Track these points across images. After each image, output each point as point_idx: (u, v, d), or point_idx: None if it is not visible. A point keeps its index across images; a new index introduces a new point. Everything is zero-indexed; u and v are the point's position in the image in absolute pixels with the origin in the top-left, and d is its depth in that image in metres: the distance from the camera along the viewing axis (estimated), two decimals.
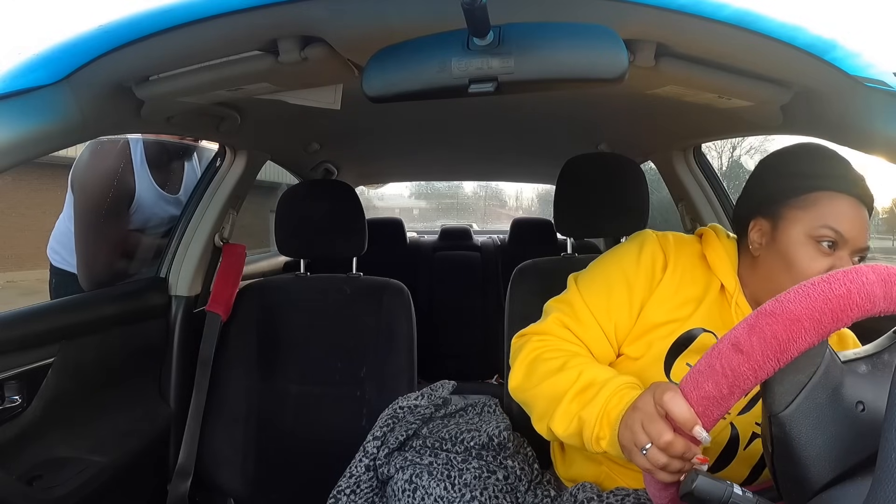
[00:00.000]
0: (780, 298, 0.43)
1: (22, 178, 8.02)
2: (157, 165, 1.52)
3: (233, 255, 1.42)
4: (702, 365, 0.45)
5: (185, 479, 1.27)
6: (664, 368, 0.76)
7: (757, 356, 0.42)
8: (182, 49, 0.72)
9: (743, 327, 0.43)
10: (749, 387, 0.42)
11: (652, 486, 0.52)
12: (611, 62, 0.59)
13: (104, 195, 1.42)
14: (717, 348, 0.44)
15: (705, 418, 0.44)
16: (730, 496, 0.45)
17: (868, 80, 0.64)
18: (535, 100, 1.25)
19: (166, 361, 1.31)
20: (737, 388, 0.42)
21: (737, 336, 0.43)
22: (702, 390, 0.44)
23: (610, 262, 0.84)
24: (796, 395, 0.43)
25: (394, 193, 9.08)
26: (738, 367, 0.42)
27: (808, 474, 0.42)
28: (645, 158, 1.68)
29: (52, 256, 1.57)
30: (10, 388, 0.94)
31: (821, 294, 0.41)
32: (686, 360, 0.76)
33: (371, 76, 0.64)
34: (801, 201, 0.72)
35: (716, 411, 0.44)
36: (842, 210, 0.71)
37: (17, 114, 0.65)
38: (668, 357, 0.77)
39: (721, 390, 0.43)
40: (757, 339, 0.42)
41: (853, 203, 0.72)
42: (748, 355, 0.42)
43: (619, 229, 1.25)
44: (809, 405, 0.43)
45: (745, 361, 0.42)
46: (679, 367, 0.76)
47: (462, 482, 0.85)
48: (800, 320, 0.41)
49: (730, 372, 0.42)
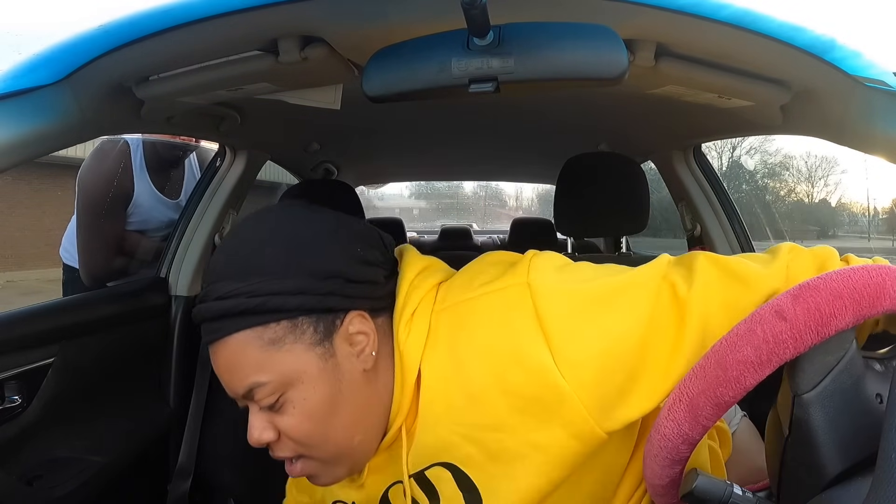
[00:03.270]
0: (822, 276, 0.44)
1: (22, 178, 8.03)
2: (157, 170, 1.53)
3: None
4: (742, 329, 0.44)
5: (185, 479, 1.27)
6: None
7: (800, 325, 0.42)
8: (182, 49, 0.72)
9: (787, 297, 0.44)
10: (787, 356, 0.43)
11: (652, 487, 0.52)
12: (611, 62, 0.59)
13: (103, 195, 1.43)
14: (758, 314, 0.44)
15: (737, 385, 0.44)
16: (730, 496, 0.45)
17: (868, 80, 0.64)
18: (535, 100, 1.25)
19: (166, 361, 1.31)
20: (776, 355, 0.42)
21: (780, 304, 0.43)
22: (740, 353, 0.43)
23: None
24: (824, 376, 0.43)
25: (394, 193, 9.10)
26: (781, 335, 0.42)
27: (824, 461, 0.43)
28: (645, 158, 1.68)
29: (63, 255, 1.61)
30: (10, 388, 0.94)
31: (861, 277, 0.43)
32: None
33: (371, 76, 0.64)
34: None
35: (750, 378, 0.43)
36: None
37: (17, 114, 0.65)
38: None
39: (760, 356, 0.43)
40: (801, 308, 0.42)
41: (212, 354, 0.56)
42: (791, 323, 0.42)
43: (619, 229, 1.26)
44: (835, 388, 0.43)
45: (787, 329, 0.42)
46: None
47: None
48: (842, 297, 0.42)
49: (771, 338, 0.42)
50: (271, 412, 0.54)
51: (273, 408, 0.54)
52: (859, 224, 8.47)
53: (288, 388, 0.53)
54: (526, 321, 0.51)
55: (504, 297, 0.53)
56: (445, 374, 0.54)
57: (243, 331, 0.52)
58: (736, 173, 8.39)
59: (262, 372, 0.52)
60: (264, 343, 0.52)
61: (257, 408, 0.54)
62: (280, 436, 0.55)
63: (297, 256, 0.53)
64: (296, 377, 0.53)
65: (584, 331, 0.51)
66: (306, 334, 0.53)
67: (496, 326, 0.52)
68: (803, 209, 10.33)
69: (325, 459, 0.56)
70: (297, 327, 0.52)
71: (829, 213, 10.28)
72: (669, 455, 0.48)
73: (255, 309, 0.51)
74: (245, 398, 0.54)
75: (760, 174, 9.48)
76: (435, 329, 0.55)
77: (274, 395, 0.53)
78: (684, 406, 0.46)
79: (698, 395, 0.45)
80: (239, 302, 0.51)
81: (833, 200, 10.71)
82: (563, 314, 0.51)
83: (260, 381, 0.52)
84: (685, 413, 0.46)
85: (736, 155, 8.84)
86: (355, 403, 0.55)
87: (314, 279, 0.52)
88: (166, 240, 1.42)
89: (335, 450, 0.55)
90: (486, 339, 0.52)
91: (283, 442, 0.55)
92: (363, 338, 0.55)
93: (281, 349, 0.52)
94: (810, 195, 10.62)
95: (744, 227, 1.49)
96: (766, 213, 5.21)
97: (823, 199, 10.80)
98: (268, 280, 0.51)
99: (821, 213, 10.25)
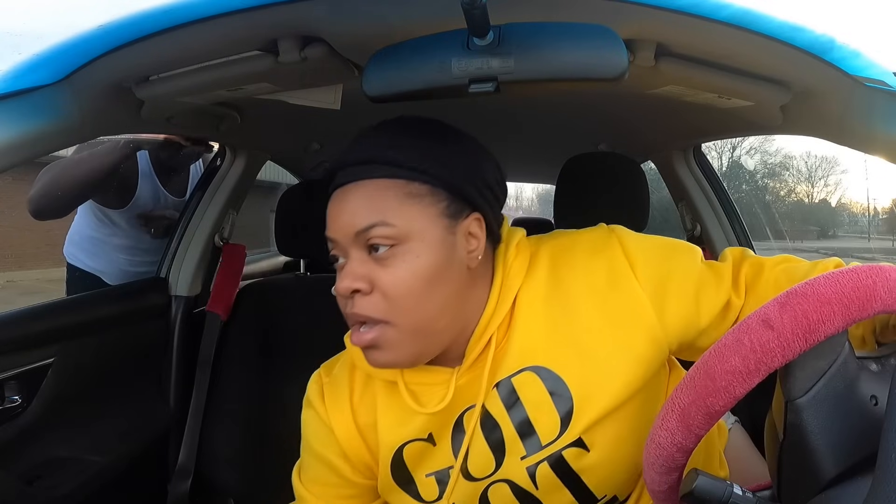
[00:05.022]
0: (810, 282, 0.43)
1: (22, 178, 8.00)
2: (163, 171, 1.54)
3: (233, 256, 1.43)
4: (729, 339, 0.44)
5: (185, 479, 1.27)
6: (408, 494, 0.66)
7: (787, 333, 0.41)
8: (182, 49, 0.72)
9: (774, 305, 0.43)
10: (775, 365, 0.42)
11: (653, 493, 0.52)
12: (611, 62, 0.59)
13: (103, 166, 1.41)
14: (745, 323, 0.44)
15: (727, 394, 0.44)
16: (730, 496, 0.45)
17: (868, 80, 0.64)
18: (535, 100, 1.25)
19: (166, 361, 1.31)
20: (763, 364, 0.42)
21: (767, 312, 0.43)
22: (728, 364, 0.43)
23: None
24: (816, 381, 0.43)
25: None
26: (768, 343, 0.42)
27: (820, 465, 0.42)
28: (645, 158, 1.68)
29: (67, 255, 1.62)
30: (10, 388, 0.94)
31: (850, 281, 0.42)
32: (422, 473, 0.65)
33: (371, 76, 0.64)
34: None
35: (739, 387, 0.43)
36: (329, 211, 0.61)
37: (17, 114, 0.65)
38: (400, 484, 0.66)
39: (748, 365, 0.42)
40: (788, 316, 0.42)
41: (337, 196, 0.60)
42: (778, 332, 0.42)
43: None
44: (828, 393, 0.43)
45: (774, 338, 0.42)
46: (422, 483, 0.65)
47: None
48: (830, 303, 0.41)
49: (758, 347, 0.42)
50: (374, 263, 0.56)
51: (379, 259, 0.56)
52: (859, 224, 8.47)
53: (406, 240, 0.56)
54: (614, 251, 0.62)
55: (594, 236, 0.65)
56: (545, 291, 0.62)
57: (388, 178, 0.57)
58: (736, 173, 8.39)
59: (393, 216, 0.56)
60: (403, 194, 0.56)
61: (358, 256, 0.57)
62: (372, 291, 0.56)
63: (452, 146, 0.61)
64: (417, 234, 0.56)
65: (656, 260, 0.62)
66: (440, 205, 0.58)
67: (591, 254, 0.63)
68: (803, 209, 10.33)
69: (404, 330, 0.57)
70: (435, 195, 0.57)
71: (829, 213, 10.29)
72: (665, 463, 0.48)
73: (404, 164, 0.57)
74: (358, 237, 0.56)
75: (760, 174, 9.48)
76: (535, 255, 0.64)
77: (389, 241, 0.55)
78: (676, 416, 0.46)
79: (689, 406, 0.45)
80: (392, 154, 0.57)
81: (833, 200, 10.71)
82: (641, 248, 0.63)
83: (387, 222, 0.55)
84: (678, 423, 0.46)
85: (736, 155, 8.84)
86: (453, 289, 0.58)
87: (461, 169, 0.59)
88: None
89: (419, 322, 0.57)
90: (583, 262, 0.62)
91: (373, 298, 0.56)
92: (475, 241, 0.60)
93: (416, 204, 0.56)
94: (810, 195, 10.62)
95: (744, 227, 1.48)
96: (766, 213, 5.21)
97: (823, 199, 10.80)
98: (422, 150, 0.58)
99: (821, 213, 10.25)
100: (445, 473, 0.63)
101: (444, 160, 0.58)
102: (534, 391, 0.60)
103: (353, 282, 0.56)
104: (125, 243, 1.56)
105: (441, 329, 0.59)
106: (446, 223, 0.58)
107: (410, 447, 0.64)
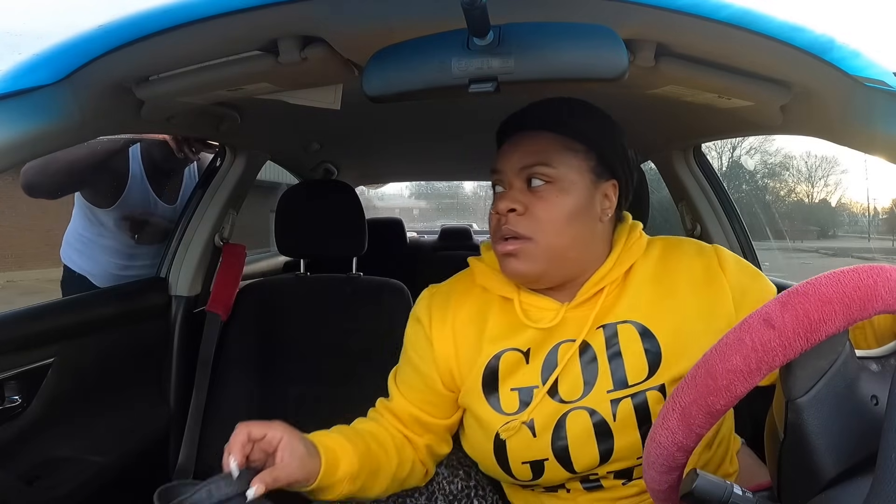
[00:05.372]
0: (811, 281, 0.43)
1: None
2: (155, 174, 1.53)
3: (233, 255, 1.43)
4: (730, 338, 0.44)
5: (185, 479, 1.27)
6: (489, 403, 0.74)
7: (788, 333, 0.42)
8: (182, 49, 0.72)
9: (775, 304, 0.43)
10: (776, 364, 0.42)
11: (653, 492, 0.52)
12: (611, 62, 0.59)
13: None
14: (747, 322, 0.44)
15: (728, 393, 0.44)
16: (730, 496, 0.45)
17: (868, 80, 0.64)
18: (536, 100, 1.25)
19: (166, 361, 1.31)
20: (764, 363, 0.42)
21: (768, 312, 0.43)
22: (729, 362, 0.43)
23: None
24: (817, 380, 0.43)
25: (394, 193, 9.10)
26: (769, 343, 0.42)
27: (820, 464, 0.42)
28: (645, 158, 1.68)
29: (63, 256, 1.62)
30: (10, 388, 0.94)
31: (851, 280, 0.42)
32: (508, 387, 0.74)
33: (371, 76, 0.64)
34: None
35: (740, 386, 0.43)
36: (501, 152, 0.76)
37: (17, 114, 0.65)
38: (486, 393, 0.75)
39: (749, 365, 0.42)
40: (790, 315, 0.42)
41: (512, 139, 0.76)
42: (780, 331, 0.42)
43: None
44: (828, 392, 0.43)
45: (776, 337, 0.42)
46: (505, 395, 0.74)
47: None
48: (831, 302, 0.41)
49: (760, 346, 0.42)
50: (530, 194, 0.72)
51: (535, 191, 0.72)
52: (859, 224, 8.47)
53: (559, 181, 0.72)
54: (712, 258, 0.76)
55: (699, 243, 0.80)
56: (655, 270, 0.76)
57: (555, 133, 0.73)
58: (736, 173, 8.38)
59: (554, 160, 0.72)
60: (564, 146, 0.73)
61: (519, 186, 0.73)
62: (525, 213, 0.72)
63: (604, 121, 0.77)
64: (568, 179, 0.72)
65: (745, 275, 0.76)
66: (590, 163, 0.74)
67: (694, 254, 0.77)
68: (803, 209, 10.33)
69: (541, 248, 0.71)
70: (588, 154, 0.74)
71: (829, 213, 10.28)
72: (666, 462, 0.48)
73: (570, 124, 0.74)
74: (522, 171, 0.73)
75: (760, 174, 9.48)
76: (651, 244, 0.79)
77: (546, 178, 0.72)
78: (677, 415, 0.46)
79: (690, 405, 0.46)
80: (563, 116, 0.75)
81: (833, 200, 10.71)
82: (735, 261, 0.77)
83: (548, 164, 0.72)
84: (678, 422, 0.46)
85: (736, 155, 8.83)
86: (583, 231, 0.73)
87: (609, 140, 0.76)
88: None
89: (554, 246, 0.72)
90: (688, 259, 0.77)
91: (524, 219, 0.72)
92: (608, 203, 0.76)
93: (572, 157, 0.73)
94: (810, 195, 10.62)
95: (744, 227, 1.49)
96: (766, 213, 5.20)
97: (823, 199, 10.79)
98: (585, 118, 0.76)
99: (821, 213, 10.25)
100: (529, 392, 0.73)
101: (598, 129, 0.75)
102: (632, 340, 0.72)
103: (512, 203, 0.72)
104: (112, 245, 1.55)
105: (567, 259, 0.73)
106: (591, 178, 0.74)
107: (507, 357, 0.74)
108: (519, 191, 0.73)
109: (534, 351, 0.74)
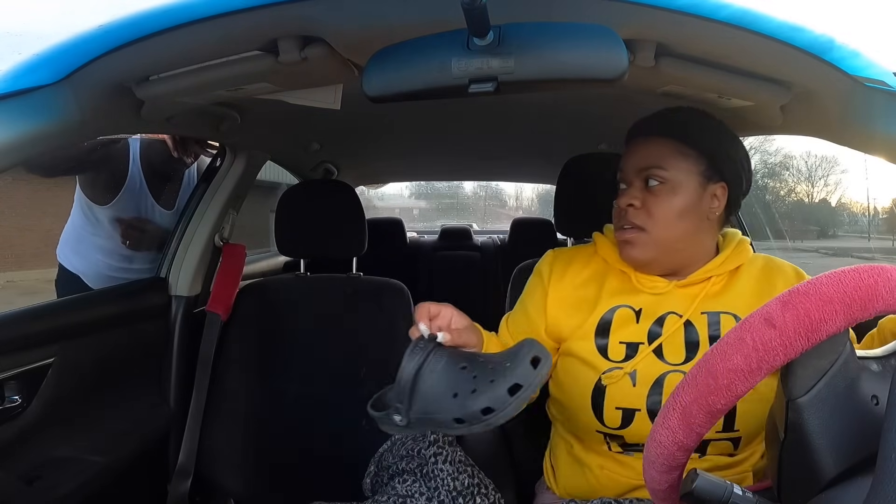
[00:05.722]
0: (812, 281, 0.43)
1: (22, 178, 8.02)
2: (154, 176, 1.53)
3: (233, 255, 1.42)
4: (731, 337, 0.44)
5: (185, 479, 1.27)
6: (598, 349, 0.85)
7: (789, 332, 0.42)
8: (182, 49, 0.72)
9: (776, 304, 0.43)
10: (777, 363, 0.42)
11: (653, 491, 0.52)
12: (611, 62, 0.59)
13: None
14: (748, 322, 0.44)
15: (728, 392, 0.44)
16: (730, 496, 0.45)
17: (868, 80, 0.64)
18: (535, 100, 1.25)
19: (166, 361, 1.31)
20: (765, 363, 0.42)
21: (769, 311, 0.43)
22: (730, 362, 0.43)
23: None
24: (817, 380, 0.43)
25: (394, 193, 9.08)
26: (770, 342, 0.42)
27: (820, 464, 0.42)
28: None
29: (59, 256, 1.62)
30: (10, 388, 0.94)
31: (852, 280, 0.42)
32: (617, 338, 0.84)
33: (371, 76, 0.64)
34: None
35: (741, 386, 0.43)
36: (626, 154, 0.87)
37: (17, 114, 0.65)
38: (597, 340, 0.85)
39: (750, 364, 0.43)
40: (790, 315, 0.42)
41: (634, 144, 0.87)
42: (780, 330, 0.42)
43: None
44: (829, 392, 0.43)
45: (776, 336, 0.42)
46: (613, 345, 0.84)
47: None
48: (832, 302, 0.42)
49: (760, 346, 0.42)
50: (647, 192, 0.83)
51: (651, 190, 0.83)
52: (859, 224, 8.46)
53: (671, 182, 0.82)
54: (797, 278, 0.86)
55: (799, 271, 0.87)
56: (759, 277, 0.86)
57: (671, 139, 0.83)
58: None
59: (668, 164, 0.83)
60: (678, 152, 0.83)
61: (639, 185, 0.84)
62: (642, 207, 0.83)
63: (717, 130, 0.86)
64: (679, 183, 0.83)
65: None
66: (700, 167, 0.83)
67: (792, 279, 0.86)
68: (803, 209, 10.31)
69: (652, 237, 0.83)
70: (698, 159, 0.83)
71: (829, 213, 10.27)
72: (666, 462, 0.48)
73: (685, 132, 0.84)
74: (641, 172, 0.84)
75: (760, 174, 9.47)
76: (755, 256, 0.89)
77: (660, 179, 0.83)
78: (678, 414, 0.46)
79: (691, 404, 0.46)
80: (679, 125, 0.85)
81: (833, 200, 10.69)
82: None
83: (663, 167, 0.83)
84: (679, 421, 0.46)
85: None
86: (691, 226, 0.83)
87: (718, 147, 0.84)
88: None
89: (664, 237, 0.83)
90: (788, 278, 0.86)
91: (641, 212, 0.83)
92: (717, 202, 0.85)
93: (684, 161, 0.83)
94: (810, 195, 10.60)
95: (744, 226, 1.48)
96: (766, 213, 5.19)
97: (823, 199, 10.78)
98: (698, 127, 0.85)
99: (821, 213, 10.23)
100: (635, 347, 0.83)
101: (709, 136, 0.84)
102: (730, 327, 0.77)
103: (630, 199, 0.83)
104: (105, 244, 1.55)
105: (676, 249, 0.84)
106: (700, 180, 0.83)
107: (621, 312, 0.85)
108: (637, 189, 0.84)
109: (644, 313, 0.85)
